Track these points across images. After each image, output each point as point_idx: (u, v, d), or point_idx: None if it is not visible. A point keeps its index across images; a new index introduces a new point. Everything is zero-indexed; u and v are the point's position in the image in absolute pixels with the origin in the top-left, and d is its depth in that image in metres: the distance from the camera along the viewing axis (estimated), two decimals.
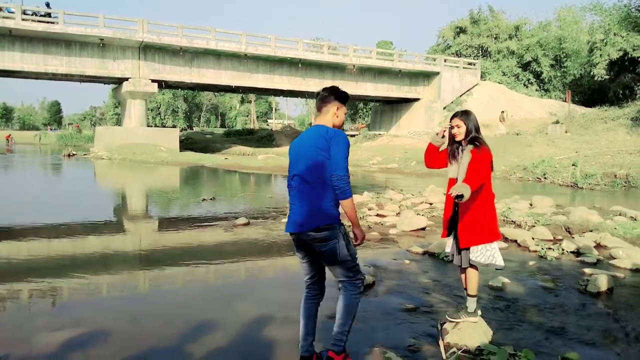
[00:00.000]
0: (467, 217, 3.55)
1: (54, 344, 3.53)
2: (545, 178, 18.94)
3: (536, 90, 45.64)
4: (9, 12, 27.24)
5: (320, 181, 2.89)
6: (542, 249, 6.61)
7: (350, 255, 2.98)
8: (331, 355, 3.00)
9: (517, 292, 4.91)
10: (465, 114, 3.61)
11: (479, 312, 3.72)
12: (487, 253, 3.58)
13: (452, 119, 3.65)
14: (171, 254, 6.72)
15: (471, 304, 3.68)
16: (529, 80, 45.93)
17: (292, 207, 3.04)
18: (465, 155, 3.54)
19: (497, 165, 22.35)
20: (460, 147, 3.65)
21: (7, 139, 52.00)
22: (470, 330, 3.56)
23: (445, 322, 3.77)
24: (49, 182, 18.30)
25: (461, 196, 3.20)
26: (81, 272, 5.56)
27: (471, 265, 3.65)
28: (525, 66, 45.98)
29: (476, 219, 3.53)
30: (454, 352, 3.38)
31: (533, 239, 7.24)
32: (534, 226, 8.01)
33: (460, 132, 3.59)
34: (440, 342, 3.55)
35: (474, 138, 3.56)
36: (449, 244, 3.86)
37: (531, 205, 10.42)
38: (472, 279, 3.69)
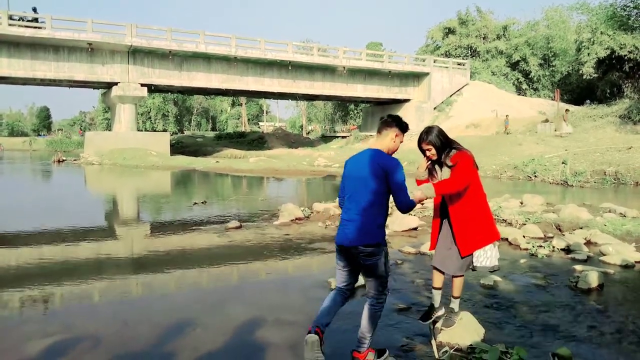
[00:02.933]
0: (463, 223, 3.47)
1: (44, 350, 3.50)
2: (535, 176, 19.07)
3: (525, 89, 45.96)
4: None
5: (376, 203, 3.15)
6: (533, 246, 6.65)
7: (385, 273, 3.26)
8: (356, 355, 3.25)
9: (508, 290, 4.93)
10: (427, 134, 3.48)
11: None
12: (489, 255, 3.56)
13: (420, 144, 3.53)
14: (163, 259, 6.68)
15: (456, 305, 3.68)
16: (518, 79, 46.24)
17: (346, 222, 3.22)
18: (448, 164, 3.47)
19: (488, 165, 22.49)
20: (441, 163, 3.53)
21: None
22: (462, 329, 3.58)
23: (437, 322, 3.78)
24: (38, 188, 18.13)
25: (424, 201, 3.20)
26: (72, 278, 5.52)
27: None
28: (514, 65, 46.30)
29: (472, 223, 3.47)
30: (446, 351, 3.39)
31: (524, 237, 7.29)
32: (524, 224, 8.05)
33: (433, 153, 3.48)
34: (433, 342, 3.56)
35: (448, 147, 3.47)
36: (436, 257, 3.70)
37: (522, 203, 10.48)
38: (459, 282, 3.66)
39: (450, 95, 40.62)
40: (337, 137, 48.03)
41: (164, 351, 3.50)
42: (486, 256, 3.56)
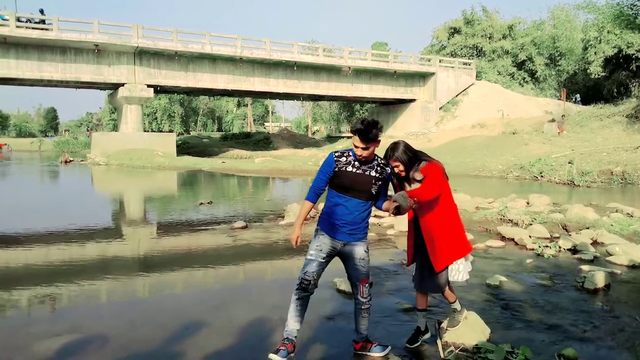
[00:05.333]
0: (435, 237, 3.37)
1: (52, 350, 3.53)
2: (541, 176, 18.99)
3: (531, 89, 45.79)
4: (2, 19, 27.19)
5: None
6: (539, 246, 6.64)
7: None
8: (356, 346, 3.49)
9: (514, 290, 4.93)
10: (393, 150, 3.31)
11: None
12: (460, 269, 3.46)
13: (386, 162, 3.37)
14: (169, 259, 6.72)
15: (458, 304, 3.64)
16: (524, 79, 46.08)
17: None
18: (416, 178, 3.36)
19: (494, 165, 22.43)
20: (409, 179, 3.40)
21: (0, 147, 52.34)
22: (468, 328, 3.58)
23: (443, 322, 3.78)
24: (47, 189, 18.25)
25: (398, 208, 3.08)
26: (79, 278, 5.56)
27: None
28: (520, 65, 46.14)
29: (444, 236, 3.37)
30: (452, 351, 3.40)
31: (530, 237, 7.28)
32: (531, 224, 8.03)
33: (402, 170, 3.34)
34: (439, 341, 3.57)
35: (417, 161, 3.35)
36: (415, 277, 3.66)
37: (528, 203, 10.45)
38: (450, 293, 3.59)
39: (456, 95, 40.53)
40: (343, 137, 48.05)
41: (171, 351, 3.53)
42: (458, 270, 3.46)
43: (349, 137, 45.30)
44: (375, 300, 4.68)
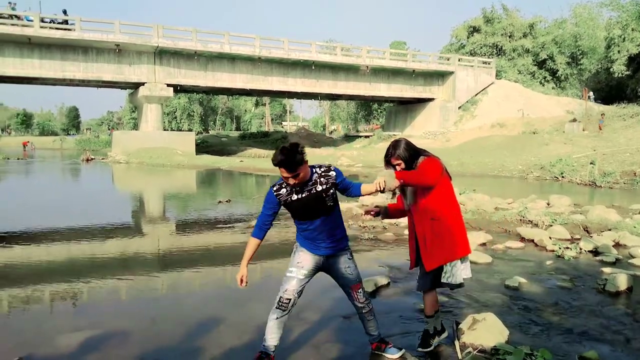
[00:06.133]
0: (429, 236, 3.29)
1: (74, 345, 3.60)
2: (562, 177, 18.71)
3: (552, 88, 45.12)
4: (27, 20, 27.76)
5: None
6: (560, 248, 6.55)
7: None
8: (372, 346, 3.48)
9: (533, 292, 4.87)
10: (395, 148, 3.30)
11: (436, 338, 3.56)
12: (453, 272, 3.30)
13: (388, 162, 3.34)
14: (189, 256, 6.79)
15: (431, 325, 3.50)
16: (545, 78, 45.44)
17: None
18: None
19: (514, 165, 22.17)
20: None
21: (24, 145, 53.79)
22: (486, 330, 3.55)
23: (460, 322, 3.76)
24: (68, 186, 18.59)
25: (384, 188, 3.00)
26: (100, 274, 5.66)
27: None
28: (540, 64, 45.49)
29: (439, 236, 3.26)
30: (469, 352, 3.38)
31: (550, 238, 7.18)
32: (551, 225, 7.92)
33: (403, 166, 3.29)
34: (456, 342, 3.55)
35: (416, 157, 3.30)
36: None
37: (548, 204, 10.32)
38: (429, 298, 3.48)
39: (476, 95, 40.15)
40: (360, 136, 47.91)
41: (190, 347, 3.57)
42: (451, 273, 3.29)
43: (366, 137, 45.22)
44: (393, 300, 4.69)
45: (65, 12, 30.13)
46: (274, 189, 3.16)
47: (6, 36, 27.07)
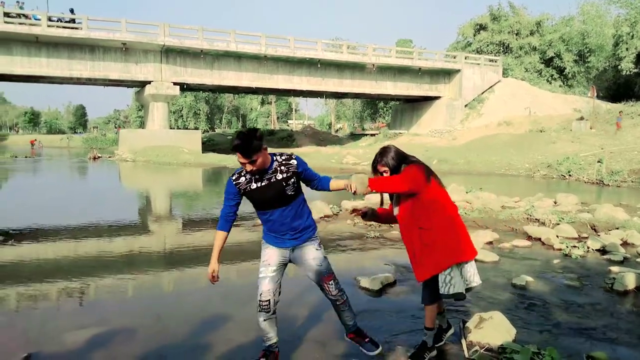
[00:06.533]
0: (416, 244, 3.15)
1: (80, 342, 3.61)
2: (569, 175, 18.61)
3: (560, 86, 44.81)
4: (35, 19, 27.90)
5: None
6: (567, 247, 6.51)
7: None
8: (349, 335, 3.41)
9: (541, 291, 4.84)
10: (381, 155, 3.22)
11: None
12: (449, 280, 3.09)
13: (374, 168, 3.26)
14: (194, 254, 6.81)
15: (430, 339, 3.37)
16: (552, 76, 45.14)
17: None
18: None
19: (521, 163, 22.07)
20: None
21: (32, 143, 54.38)
22: (493, 328, 3.53)
23: (467, 321, 3.75)
24: (76, 184, 18.68)
25: (355, 191, 2.92)
26: (107, 272, 5.68)
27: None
28: (548, 62, 45.20)
29: (428, 243, 3.10)
30: (476, 351, 3.36)
31: (557, 236, 7.14)
32: (558, 224, 7.88)
33: (388, 174, 3.20)
34: (463, 341, 3.53)
35: (402, 164, 3.19)
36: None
37: (555, 203, 10.27)
38: (429, 311, 3.34)
39: (482, 93, 39.97)
40: (366, 135, 47.84)
41: (196, 344, 3.58)
42: (445, 282, 3.08)
43: (372, 135, 45.14)
44: (401, 298, 4.67)
45: (72, 10, 30.25)
46: (233, 178, 3.06)
47: (14, 35, 27.22)
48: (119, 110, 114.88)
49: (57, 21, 28.75)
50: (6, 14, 27.07)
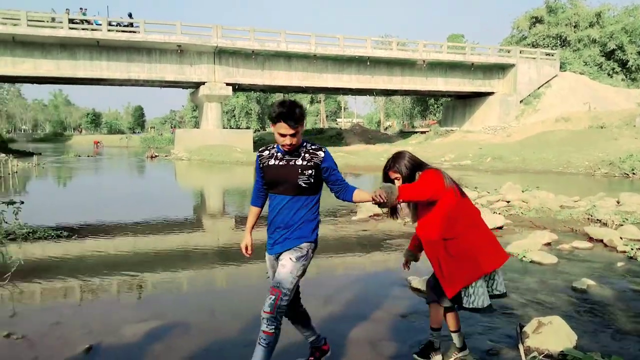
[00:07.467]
0: (442, 257, 2.96)
1: (139, 334, 3.75)
2: (633, 174, 17.65)
3: (622, 80, 42.58)
4: (97, 24, 29.25)
5: None
6: (632, 249, 6.17)
7: None
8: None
9: (603, 295, 4.61)
10: (394, 160, 3.04)
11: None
12: (473, 292, 2.94)
13: (385, 174, 3.10)
14: None
15: (458, 338, 3.24)
16: (613, 69, 42.94)
17: None
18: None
19: (580, 161, 21.15)
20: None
21: (95, 144, 57.44)
22: (552, 334, 3.39)
23: (524, 325, 3.62)
24: (134, 182, 19.44)
25: (384, 204, 2.70)
26: (163, 267, 5.87)
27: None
28: (609, 55, 43.02)
29: (456, 256, 2.91)
30: (535, 357, 3.23)
31: (621, 238, 6.78)
32: (622, 225, 7.49)
33: (400, 183, 3.03)
34: (520, 346, 3.41)
35: (417, 171, 3.00)
36: None
37: (618, 202, 9.76)
38: (450, 316, 3.22)
39: (538, 88, 38.56)
40: (416, 132, 47.19)
41: (248, 339, 3.63)
42: (472, 294, 2.93)
43: (422, 132, 44.47)
44: None
45: (130, 15, 31.49)
46: (260, 150, 2.96)
47: (77, 40, 28.66)
48: (174, 111, 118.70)
49: (117, 25, 30.01)
50: (71, 21, 28.53)
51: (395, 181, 3.03)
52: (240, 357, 3.33)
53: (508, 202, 9.95)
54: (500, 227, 7.91)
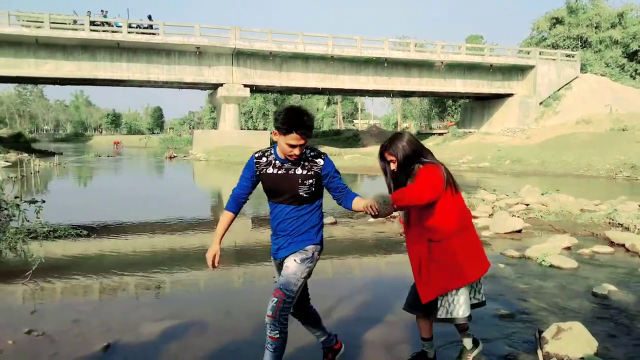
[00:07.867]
0: (423, 259, 2.81)
1: (157, 333, 3.78)
2: None
3: None
4: (117, 26, 29.68)
5: None
6: None
7: None
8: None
9: (624, 301, 4.52)
10: (391, 141, 2.83)
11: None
12: (456, 300, 2.80)
13: (381, 155, 2.92)
14: (262, 251, 6.94)
15: (466, 339, 3.13)
16: (636, 71, 42.17)
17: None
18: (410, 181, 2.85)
19: (601, 164, 20.80)
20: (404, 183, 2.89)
21: (115, 144, 58.49)
22: (572, 340, 3.33)
23: (543, 331, 3.56)
24: (153, 182, 19.66)
25: (377, 214, 2.58)
26: (180, 266, 5.92)
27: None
28: (631, 56, 42.25)
29: (438, 261, 2.77)
30: None
31: None
32: None
33: (395, 166, 2.84)
34: (539, 352, 3.36)
35: (414, 160, 2.81)
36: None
37: None
38: (422, 323, 3.09)
39: (558, 89, 38.05)
40: (434, 134, 46.88)
41: (264, 340, 3.64)
42: (448, 302, 2.80)
43: (440, 134, 44.17)
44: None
45: (150, 17, 31.90)
46: (256, 155, 2.82)
47: (98, 42, 29.11)
48: (193, 112, 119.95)
49: (136, 27, 30.41)
50: (92, 23, 28.99)
51: (391, 164, 2.86)
52: (256, 357, 3.34)
53: (527, 205, 9.83)
54: (519, 231, 7.81)
